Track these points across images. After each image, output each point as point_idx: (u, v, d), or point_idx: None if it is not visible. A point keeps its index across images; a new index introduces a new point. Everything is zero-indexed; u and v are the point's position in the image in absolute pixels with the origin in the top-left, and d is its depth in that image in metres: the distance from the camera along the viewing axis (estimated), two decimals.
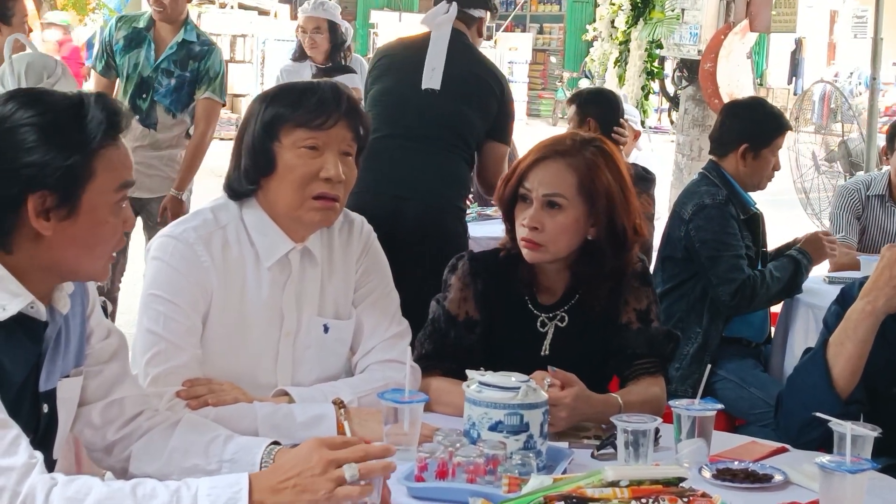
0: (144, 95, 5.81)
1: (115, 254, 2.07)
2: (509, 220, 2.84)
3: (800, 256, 4.35)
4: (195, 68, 5.85)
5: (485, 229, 5.70)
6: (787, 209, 10.89)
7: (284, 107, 2.55)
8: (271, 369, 2.62)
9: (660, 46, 9.50)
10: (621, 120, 5.32)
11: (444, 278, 2.91)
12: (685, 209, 4.31)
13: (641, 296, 2.86)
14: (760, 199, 4.56)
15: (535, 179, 2.76)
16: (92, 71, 6.19)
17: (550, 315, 2.85)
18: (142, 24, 5.86)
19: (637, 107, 9.74)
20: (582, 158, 2.75)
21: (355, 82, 6.36)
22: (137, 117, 5.66)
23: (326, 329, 2.68)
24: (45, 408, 2.06)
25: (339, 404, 2.46)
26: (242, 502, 1.85)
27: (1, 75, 4.38)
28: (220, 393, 2.46)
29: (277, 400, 2.53)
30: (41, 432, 2.05)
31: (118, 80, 5.91)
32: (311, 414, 2.45)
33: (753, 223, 4.40)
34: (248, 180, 2.59)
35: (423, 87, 4.43)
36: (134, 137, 5.55)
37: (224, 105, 6.21)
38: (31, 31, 5.75)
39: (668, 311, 4.28)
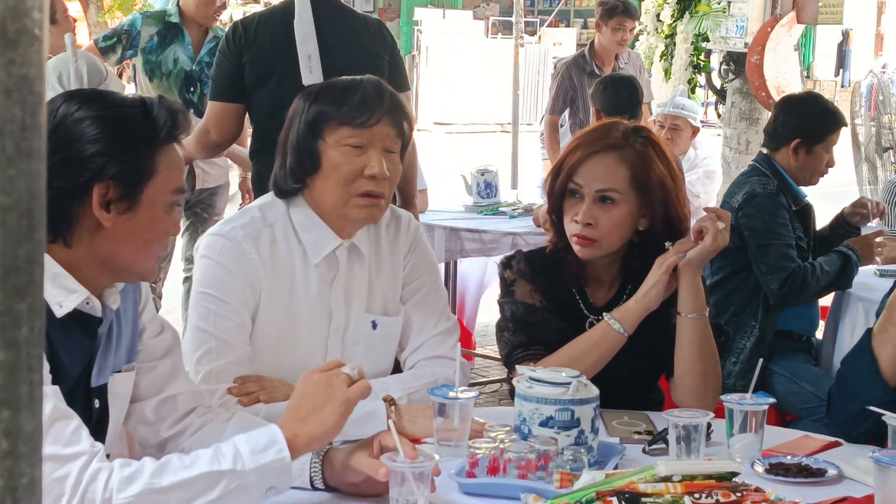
0: (193, 89, 5.87)
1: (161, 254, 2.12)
2: (556, 215, 2.80)
3: (850, 252, 4.31)
4: None
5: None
6: (838, 201, 10.78)
7: (328, 105, 2.55)
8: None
9: (706, 39, 9.44)
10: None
11: (501, 275, 2.84)
12: (735, 198, 4.27)
13: None
14: (816, 190, 4.51)
15: (587, 175, 2.71)
16: (92, 44, 6.15)
17: (600, 316, 2.77)
18: (175, 20, 5.88)
19: None
20: (633, 151, 2.71)
21: None
22: (192, 110, 5.71)
23: (375, 325, 2.68)
24: (97, 403, 2.09)
25: (389, 401, 2.45)
26: (281, 443, 1.95)
27: (58, 75, 4.41)
28: (272, 390, 2.47)
29: None
30: (93, 427, 2.07)
31: (146, 77, 5.89)
32: (362, 410, 2.43)
33: (804, 214, 4.38)
34: (293, 179, 2.59)
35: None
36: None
37: None
38: (73, 27, 5.78)
39: (721, 305, 4.26)
